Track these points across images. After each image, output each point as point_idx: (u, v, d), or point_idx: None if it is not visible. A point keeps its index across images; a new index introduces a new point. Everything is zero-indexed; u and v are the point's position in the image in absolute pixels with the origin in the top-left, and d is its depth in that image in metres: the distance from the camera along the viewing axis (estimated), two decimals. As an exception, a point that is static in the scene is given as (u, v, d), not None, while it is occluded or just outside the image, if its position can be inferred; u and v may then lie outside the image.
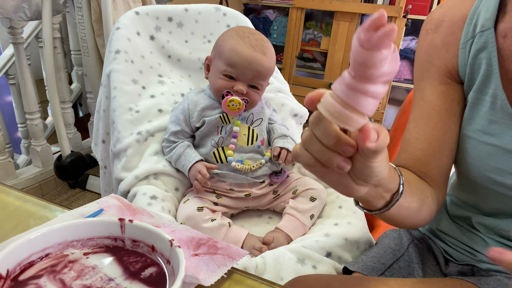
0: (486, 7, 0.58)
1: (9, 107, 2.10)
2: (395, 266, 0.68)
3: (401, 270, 0.68)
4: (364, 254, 0.74)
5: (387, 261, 0.69)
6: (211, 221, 0.83)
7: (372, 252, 0.72)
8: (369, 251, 0.74)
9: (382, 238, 0.79)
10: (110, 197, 0.58)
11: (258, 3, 3.01)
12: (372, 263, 0.69)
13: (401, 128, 0.96)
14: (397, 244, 0.73)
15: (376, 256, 0.71)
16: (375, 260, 0.70)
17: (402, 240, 0.74)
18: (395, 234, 0.77)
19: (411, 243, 0.73)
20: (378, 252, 0.72)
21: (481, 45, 0.57)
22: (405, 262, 0.69)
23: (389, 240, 0.75)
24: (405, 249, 0.72)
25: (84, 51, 1.71)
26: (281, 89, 1.15)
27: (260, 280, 0.45)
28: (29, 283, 0.38)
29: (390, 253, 0.71)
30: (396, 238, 0.75)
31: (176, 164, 0.91)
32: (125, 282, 0.39)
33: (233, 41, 0.87)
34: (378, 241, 0.81)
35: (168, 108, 0.99)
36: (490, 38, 0.56)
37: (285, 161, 0.90)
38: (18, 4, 1.49)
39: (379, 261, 0.69)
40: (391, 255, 0.70)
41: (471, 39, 0.58)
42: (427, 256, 0.72)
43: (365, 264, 0.69)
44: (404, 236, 0.75)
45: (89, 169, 1.93)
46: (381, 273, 0.67)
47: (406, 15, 2.31)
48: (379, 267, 0.68)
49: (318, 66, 3.03)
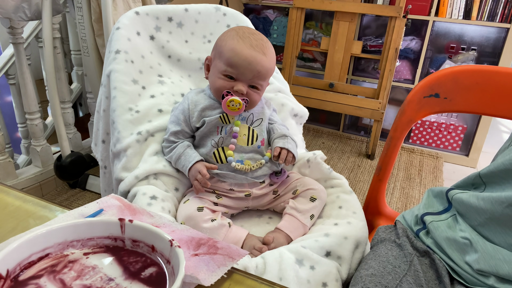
0: None
1: (9, 107, 2.10)
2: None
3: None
4: (362, 268, 0.68)
5: (390, 283, 0.63)
6: (211, 221, 0.83)
7: (371, 269, 0.66)
8: (366, 264, 0.69)
9: (378, 243, 0.74)
10: (110, 197, 0.58)
11: (258, 3, 3.01)
12: (373, 285, 0.62)
13: (401, 128, 0.96)
14: (396, 258, 0.67)
15: (376, 275, 0.64)
16: (376, 281, 0.63)
17: (403, 252, 0.68)
18: (392, 241, 0.71)
19: (414, 259, 0.67)
20: (377, 270, 0.65)
21: None
22: (409, 285, 0.63)
23: (386, 250, 0.70)
24: (407, 267, 0.65)
25: (84, 51, 1.71)
26: (281, 89, 1.15)
27: (260, 280, 0.45)
28: (29, 283, 0.38)
29: (391, 271, 0.65)
30: (395, 248, 0.70)
31: (176, 164, 0.91)
32: (125, 282, 0.39)
33: (233, 41, 0.87)
34: (373, 244, 0.76)
35: (168, 108, 0.99)
36: None
37: (285, 161, 0.90)
38: (18, 4, 1.49)
39: (381, 282, 0.63)
40: (393, 274, 0.64)
41: None
42: (430, 273, 0.66)
43: (365, 285, 0.63)
44: (404, 247, 0.69)
45: (89, 169, 1.93)
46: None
47: (406, 15, 2.31)
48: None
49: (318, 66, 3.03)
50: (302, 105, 1.19)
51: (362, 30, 2.77)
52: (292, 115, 1.13)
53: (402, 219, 0.79)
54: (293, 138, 0.95)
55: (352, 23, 2.52)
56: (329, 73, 2.62)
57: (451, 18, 2.42)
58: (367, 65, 2.85)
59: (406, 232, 0.74)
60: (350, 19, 2.52)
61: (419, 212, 0.74)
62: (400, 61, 2.67)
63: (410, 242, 0.71)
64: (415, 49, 2.64)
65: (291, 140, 0.93)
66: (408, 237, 0.73)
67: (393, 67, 2.38)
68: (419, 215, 0.74)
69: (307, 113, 1.18)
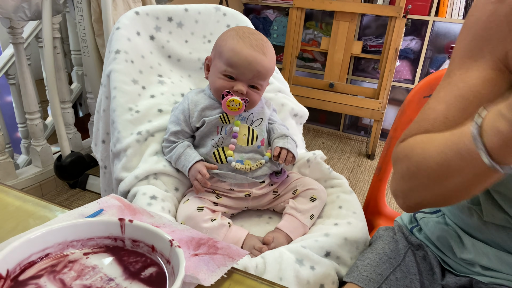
0: None
1: (9, 107, 2.10)
2: (392, 277, 0.66)
3: (399, 282, 0.66)
4: (359, 259, 0.72)
5: (384, 271, 0.66)
6: (211, 221, 0.83)
7: (367, 259, 0.69)
8: (363, 256, 0.72)
9: (376, 239, 0.77)
10: (110, 197, 0.58)
11: (258, 3, 3.01)
12: (368, 273, 0.66)
13: (401, 128, 0.96)
14: (392, 251, 0.71)
15: (372, 264, 0.68)
16: (371, 269, 0.67)
17: (398, 245, 0.72)
18: (389, 237, 0.74)
19: (408, 251, 0.70)
20: (373, 260, 0.69)
21: None
22: (402, 273, 0.67)
23: (383, 244, 0.73)
24: (401, 258, 0.69)
25: (84, 51, 1.71)
26: (281, 89, 1.15)
27: (260, 280, 0.45)
28: (29, 283, 0.38)
29: (386, 261, 0.68)
30: (391, 243, 0.73)
31: (176, 164, 0.91)
32: (125, 282, 0.39)
33: (233, 41, 0.87)
34: (372, 241, 0.79)
35: (168, 108, 0.99)
36: None
37: (285, 161, 0.90)
38: (18, 4, 1.49)
39: (375, 271, 0.66)
40: (387, 264, 0.68)
41: None
42: (424, 265, 0.69)
43: (361, 274, 0.66)
44: (400, 242, 0.72)
45: (89, 169, 1.93)
46: (378, 285, 0.64)
47: (406, 15, 2.31)
48: (375, 278, 0.65)
49: (318, 66, 3.03)
50: (302, 105, 1.19)
51: (362, 30, 2.77)
52: (292, 115, 1.13)
53: (400, 219, 0.82)
54: (293, 138, 0.95)
55: (352, 23, 2.52)
56: (329, 73, 2.62)
57: (451, 18, 2.42)
58: (367, 65, 2.85)
59: (402, 229, 0.77)
60: (350, 19, 2.52)
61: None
62: (400, 61, 2.67)
63: (405, 238, 0.74)
64: (415, 49, 2.64)
65: (291, 140, 0.93)
66: (403, 233, 0.76)
67: (393, 67, 2.39)
68: (412, 214, 0.78)
69: (307, 113, 1.18)
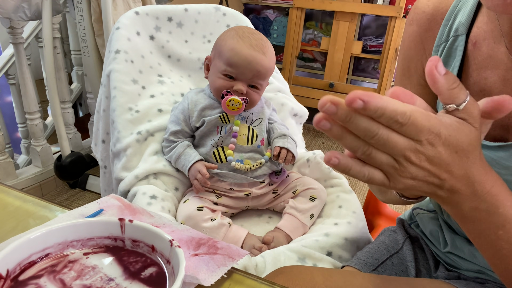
0: (464, 8, 0.53)
1: (9, 107, 2.10)
2: (388, 262, 0.68)
3: (394, 266, 0.68)
4: (360, 251, 0.74)
5: (381, 257, 0.69)
6: (211, 221, 0.83)
7: (367, 248, 0.73)
8: (364, 248, 0.75)
9: (379, 235, 0.79)
10: (110, 197, 0.58)
11: (258, 3, 3.01)
12: (365, 258, 0.69)
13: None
14: (391, 241, 0.73)
15: (370, 251, 0.71)
16: (368, 255, 0.70)
17: (397, 237, 0.74)
18: (391, 231, 0.77)
19: (406, 241, 0.73)
20: (372, 248, 0.72)
21: (450, 51, 0.54)
22: (398, 260, 0.69)
23: (384, 237, 0.76)
24: (400, 247, 0.72)
25: (84, 51, 1.71)
26: (281, 89, 1.16)
27: (260, 280, 0.45)
28: (29, 283, 0.38)
29: (384, 249, 0.71)
30: (392, 235, 0.75)
31: (176, 164, 0.91)
32: (125, 282, 0.39)
33: (233, 41, 0.87)
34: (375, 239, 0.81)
35: (168, 108, 0.99)
36: (460, 45, 0.53)
37: (284, 161, 0.90)
38: (18, 4, 1.49)
39: (373, 256, 0.69)
40: (385, 251, 0.71)
41: (444, 42, 0.55)
42: (421, 255, 0.72)
43: (358, 258, 0.69)
44: (399, 233, 0.75)
45: (89, 169, 1.93)
46: (373, 268, 0.67)
47: (406, 15, 2.31)
48: (372, 262, 0.68)
49: (318, 66, 3.03)
50: (302, 105, 1.19)
51: (362, 30, 2.77)
52: (292, 115, 1.13)
53: (402, 216, 0.83)
54: (293, 138, 0.95)
55: (352, 23, 2.52)
56: (329, 73, 2.62)
57: (451, 18, 2.42)
58: (367, 65, 2.85)
59: (402, 222, 0.80)
60: (350, 19, 2.52)
61: (413, 208, 0.81)
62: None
63: (404, 229, 0.77)
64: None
65: (291, 140, 0.94)
66: (403, 225, 0.78)
67: (393, 67, 2.39)
68: (412, 211, 0.80)
69: (307, 113, 1.18)
